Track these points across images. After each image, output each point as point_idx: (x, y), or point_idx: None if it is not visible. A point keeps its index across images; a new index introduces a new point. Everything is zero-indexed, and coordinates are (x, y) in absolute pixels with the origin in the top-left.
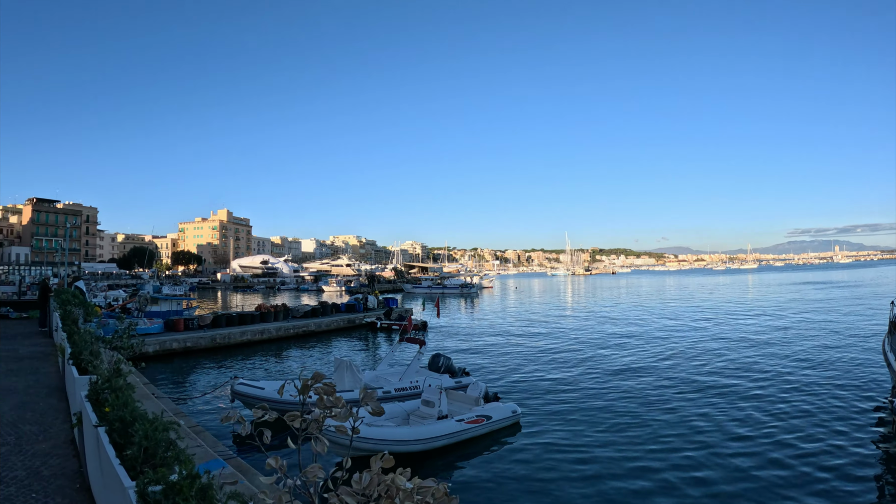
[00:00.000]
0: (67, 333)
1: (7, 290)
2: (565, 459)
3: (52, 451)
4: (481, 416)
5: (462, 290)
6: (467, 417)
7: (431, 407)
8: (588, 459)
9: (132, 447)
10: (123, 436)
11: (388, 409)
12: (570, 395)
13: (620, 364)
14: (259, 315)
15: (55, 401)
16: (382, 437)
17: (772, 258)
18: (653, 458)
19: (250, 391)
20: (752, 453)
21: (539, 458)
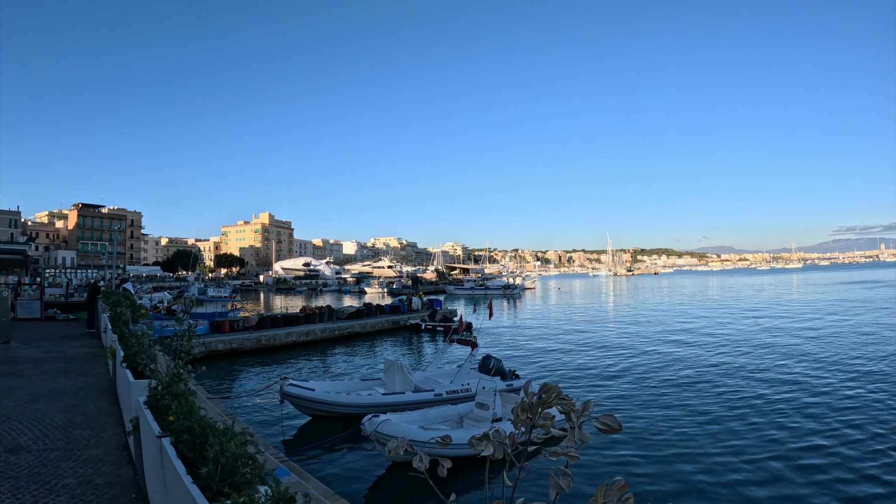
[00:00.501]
0: (119, 335)
1: (55, 293)
2: (621, 462)
3: (104, 457)
4: None
5: (505, 291)
6: None
7: (486, 410)
8: (644, 463)
9: (206, 463)
10: (193, 448)
11: (441, 412)
12: (621, 397)
13: (673, 367)
14: (304, 316)
15: (105, 403)
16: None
17: (816, 257)
18: (714, 462)
19: (300, 392)
20: (827, 463)
21: (593, 462)
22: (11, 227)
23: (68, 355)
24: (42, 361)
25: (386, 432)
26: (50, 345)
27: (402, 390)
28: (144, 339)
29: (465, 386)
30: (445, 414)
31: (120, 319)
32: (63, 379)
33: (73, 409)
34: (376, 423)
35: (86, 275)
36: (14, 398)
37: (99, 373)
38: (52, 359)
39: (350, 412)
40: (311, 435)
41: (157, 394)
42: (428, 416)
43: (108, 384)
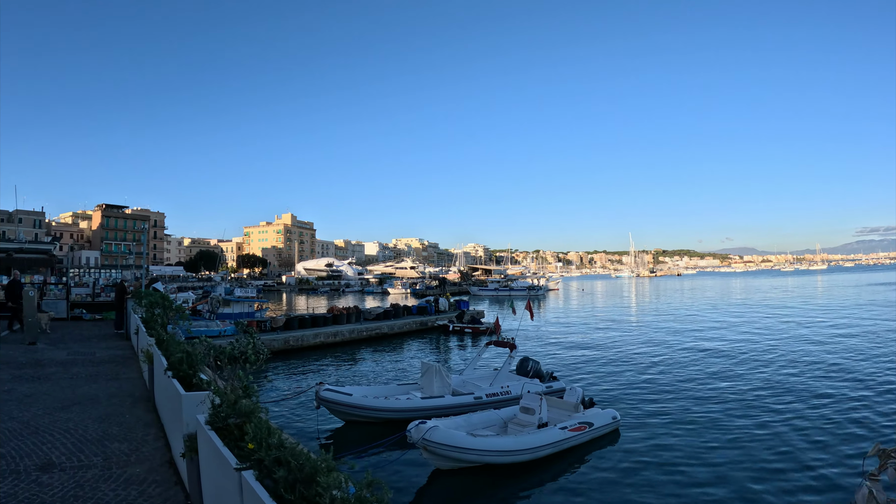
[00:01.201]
0: (157, 340)
1: (81, 292)
2: (671, 468)
3: (147, 476)
4: (583, 424)
5: (529, 292)
6: (570, 425)
7: (531, 414)
8: (694, 467)
9: None
10: (291, 488)
11: (485, 416)
12: (662, 399)
13: (710, 367)
14: (332, 317)
15: (141, 412)
16: (488, 447)
17: (840, 258)
18: (760, 464)
19: (337, 398)
20: None
21: (644, 467)
22: (36, 228)
23: (97, 358)
24: (70, 364)
25: (435, 440)
26: (78, 346)
27: (441, 394)
28: (201, 347)
29: (505, 389)
30: (489, 419)
31: (156, 322)
32: (94, 384)
33: (107, 418)
34: (423, 429)
35: (110, 274)
36: (43, 405)
37: (132, 377)
38: (81, 361)
39: (388, 417)
40: (348, 441)
41: (220, 413)
42: (472, 421)
43: (143, 390)
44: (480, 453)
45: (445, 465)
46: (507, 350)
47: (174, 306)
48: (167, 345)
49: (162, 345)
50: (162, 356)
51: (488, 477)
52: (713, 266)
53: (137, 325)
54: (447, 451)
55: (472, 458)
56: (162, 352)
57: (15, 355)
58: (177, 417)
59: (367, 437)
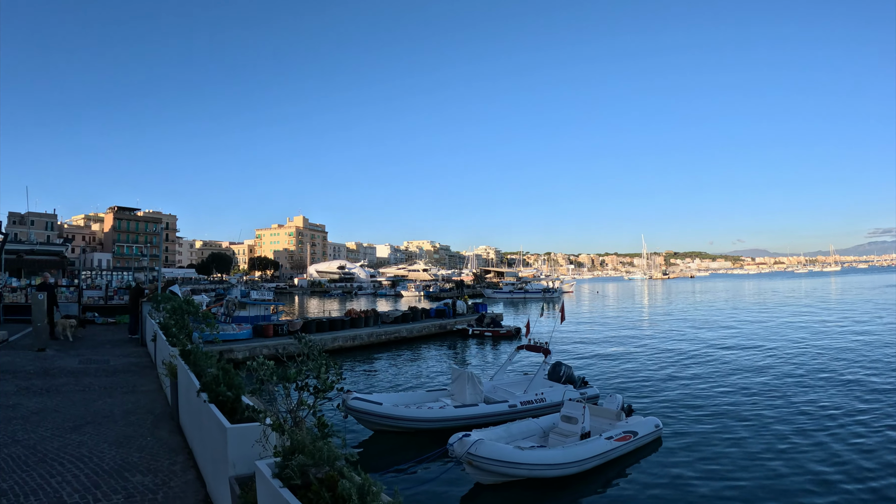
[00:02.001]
0: (181, 351)
1: (93, 295)
2: (718, 479)
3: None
4: (628, 433)
5: (544, 294)
6: (615, 434)
7: (574, 424)
8: (743, 479)
9: None
10: None
11: (524, 426)
12: (699, 405)
13: (745, 371)
14: (349, 321)
15: (165, 433)
16: (537, 461)
17: (853, 260)
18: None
19: (367, 407)
20: None
21: (691, 478)
22: (48, 230)
23: (111, 366)
24: (82, 374)
25: (482, 454)
26: (90, 353)
27: (474, 402)
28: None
29: (540, 396)
30: (529, 429)
31: (179, 330)
32: (108, 398)
33: (126, 441)
34: (468, 443)
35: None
36: (51, 425)
37: (150, 389)
38: (94, 371)
39: (421, 427)
40: (381, 453)
41: (294, 462)
42: (512, 431)
43: (164, 406)
44: (529, 467)
45: (488, 480)
46: (537, 355)
47: (205, 314)
48: (195, 358)
49: (188, 357)
50: (190, 372)
51: (532, 491)
52: (725, 268)
53: (155, 332)
54: (494, 466)
55: (520, 472)
56: (190, 366)
57: (23, 363)
58: (215, 450)
59: (399, 448)
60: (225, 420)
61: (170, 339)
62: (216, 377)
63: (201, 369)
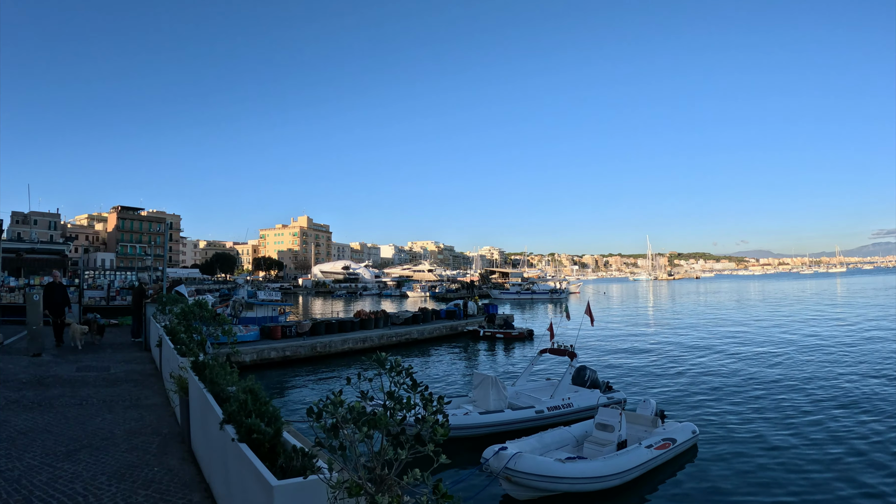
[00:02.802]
0: (194, 363)
1: (95, 295)
2: (761, 488)
3: None
4: (667, 440)
5: (552, 295)
6: (655, 442)
7: (610, 432)
8: (787, 487)
9: None
10: None
11: (558, 435)
12: (727, 408)
13: (764, 371)
14: (359, 322)
15: (175, 461)
16: (581, 474)
17: (857, 261)
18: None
19: None
20: None
21: (733, 488)
22: (51, 229)
23: (112, 374)
24: (79, 384)
25: (522, 469)
26: (89, 358)
27: (497, 408)
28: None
29: (567, 401)
30: (562, 438)
31: (192, 338)
32: (108, 413)
33: (129, 472)
34: (506, 457)
35: (126, 277)
36: (41, 449)
37: (155, 403)
38: (93, 380)
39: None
40: None
41: None
42: (545, 441)
43: (173, 425)
44: (571, 482)
45: (526, 496)
46: (551, 357)
47: (220, 318)
48: (211, 374)
49: (202, 371)
50: (207, 392)
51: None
52: (729, 269)
53: (160, 337)
54: (534, 482)
55: (562, 487)
56: (205, 385)
57: (15, 371)
58: None
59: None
60: (268, 473)
61: (178, 346)
62: (243, 403)
63: (220, 388)
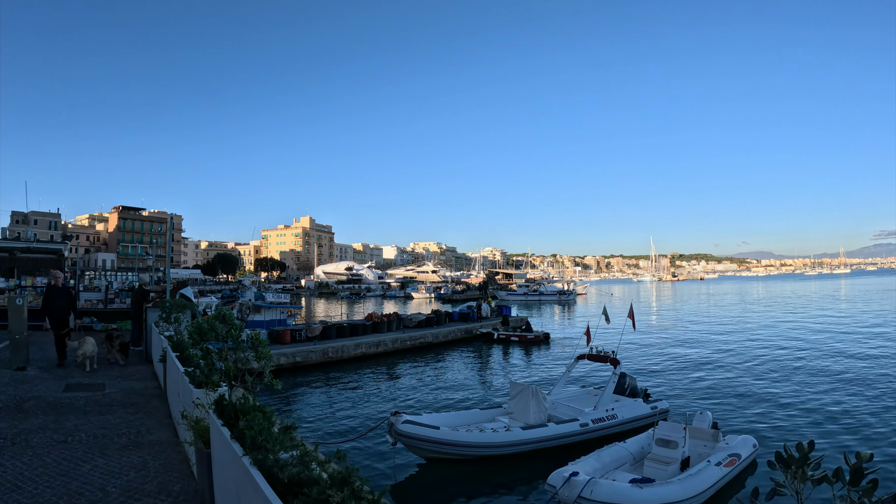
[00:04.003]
0: (220, 409)
1: (92, 298)
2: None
3: None
4: (733, 456)
5: (560, 296)
6: (722, 459)
7: (673, 448)
8: None
9: None
10: None
11: (615, 453)
12: (780, 417)
13: (804, 373)
14: (371, 325)
15: None
16: (659, 499)
17: (859, 262)
18: None
19: (422, 432)
20: None
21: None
22: (51, 229)
23: (107, 396)
24: (66, 409)
25: (598, 498)
26: (80, 373)
27: (538, 421)
28: None
29: (611, 412)
30: (620, 455)
31: (211, 365)
32: (100, 457)
33: None
34: (579, 485)
35: (126, 278)
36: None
37: (160, 440)
38: (83, 403)
39: (486, 454)
40: (438, 487)
41: None
42: (604, 461)
43: (184, 477)
44: None
45: None
46: (565, 360)
47: (246, 335)
48: (252, 430)
49: (231, 418)
50: (250, 466)
51: None
52: (731, 270)
53: (164, 351)
54: None
55: None
56: (245, 450)
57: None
58: None
59: (460, 479)
60: None
61: (190, 371)
62: (324, 493)
63: (268, 453)
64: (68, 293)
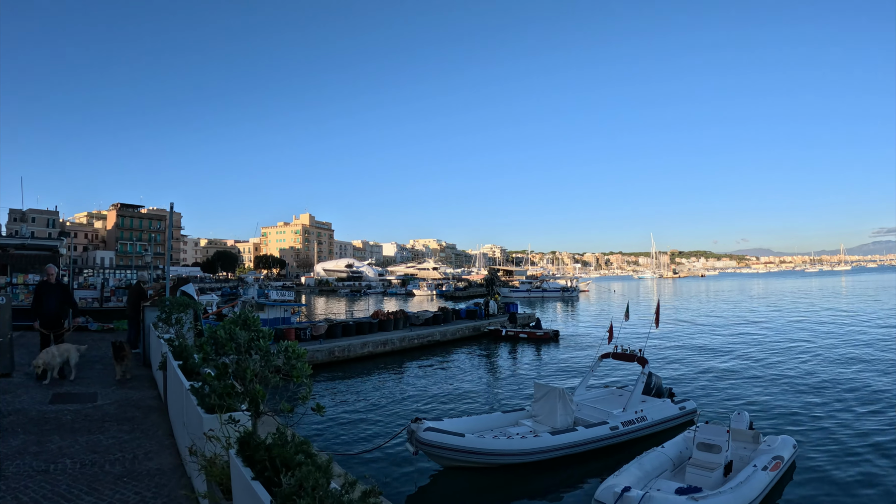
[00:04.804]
0: (247, 455)
1: (87, 296)
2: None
3: None
4: (777, 459)
5: (563, 293)
6: (767, 463)
7: (716, 453)
8: None
9: None
10: None
11: (656, 459)
12: (797, 413)
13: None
14: (377, 323)
15: None
16: None
17: (859, 259)
18: None
19: (446, 440)
20: None
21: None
22: (49, 227)
23: (100, 408)
24: (51, 426)
25: None
26: (70, 382)
27: (565, 424)
28: None
29: (640, 414)
30: (660, 462)
31: (228, 388)
32: (87, 492)
33: None
34: (633, 500)
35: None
36: None
37: (161, 468)
38: (70, 419)
39: (513, 461)
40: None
41: None
42: (645, 468)
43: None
44: None
45: None
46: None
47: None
48: (306, 484)
49: (260, 462)
50: None
51: None
52: (731, 267)
53: (164, 357)
54: None
55: None
56: None
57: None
58: None
59: (486, 490)
60: None
61: (199, 389)
62: None
63: None
64: (63, 290)
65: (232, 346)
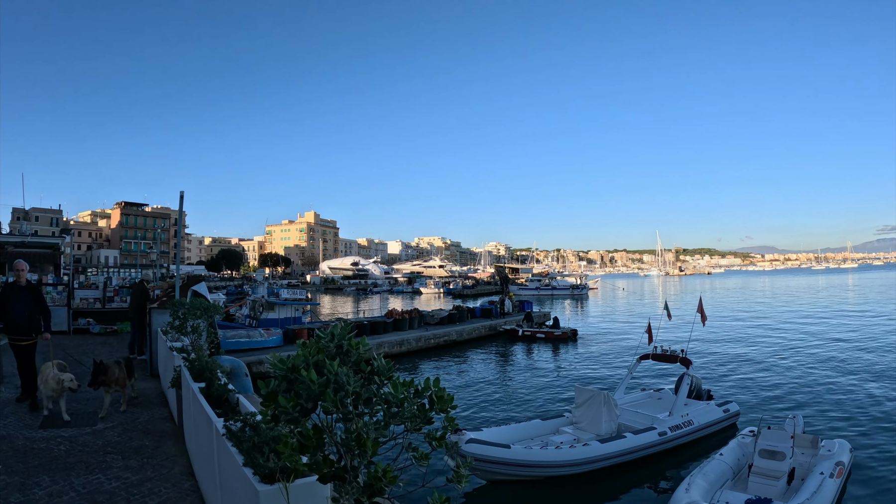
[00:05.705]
0: None
1: (89, 296)
2: None
3: None
4: (840, 465)
5: (573, 291)
6: (832, 470)
7: (780, 461)
8: None
9: None
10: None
11: (717, 468)
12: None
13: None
14: (392, 322)
15: None
16: None
17: (863, 256)
18: None
19: (490, 452)
20: None
21: None
22: (53, 226)
23: (100, 434)
24: (41, 460)
25: None
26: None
27: (609, 431)
28: None
29: (686, 418)
30: (721, 470)
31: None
32: None
33: None
34: None
35: (128, 274)
36: None
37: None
38: (64, 450)
39: (563, 473)
40: None
41: None
42: (709, 478)
43: None
44: None
45: None
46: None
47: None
48: None
49: None
50: None
51: None
52: (736, 265)
53: (178, 371)
54: None
55: None
56: None
57: None
58: None
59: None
60: None
61: (250, 452)
62: None
63: None
64: (35, 294)
65: (332, 398)
